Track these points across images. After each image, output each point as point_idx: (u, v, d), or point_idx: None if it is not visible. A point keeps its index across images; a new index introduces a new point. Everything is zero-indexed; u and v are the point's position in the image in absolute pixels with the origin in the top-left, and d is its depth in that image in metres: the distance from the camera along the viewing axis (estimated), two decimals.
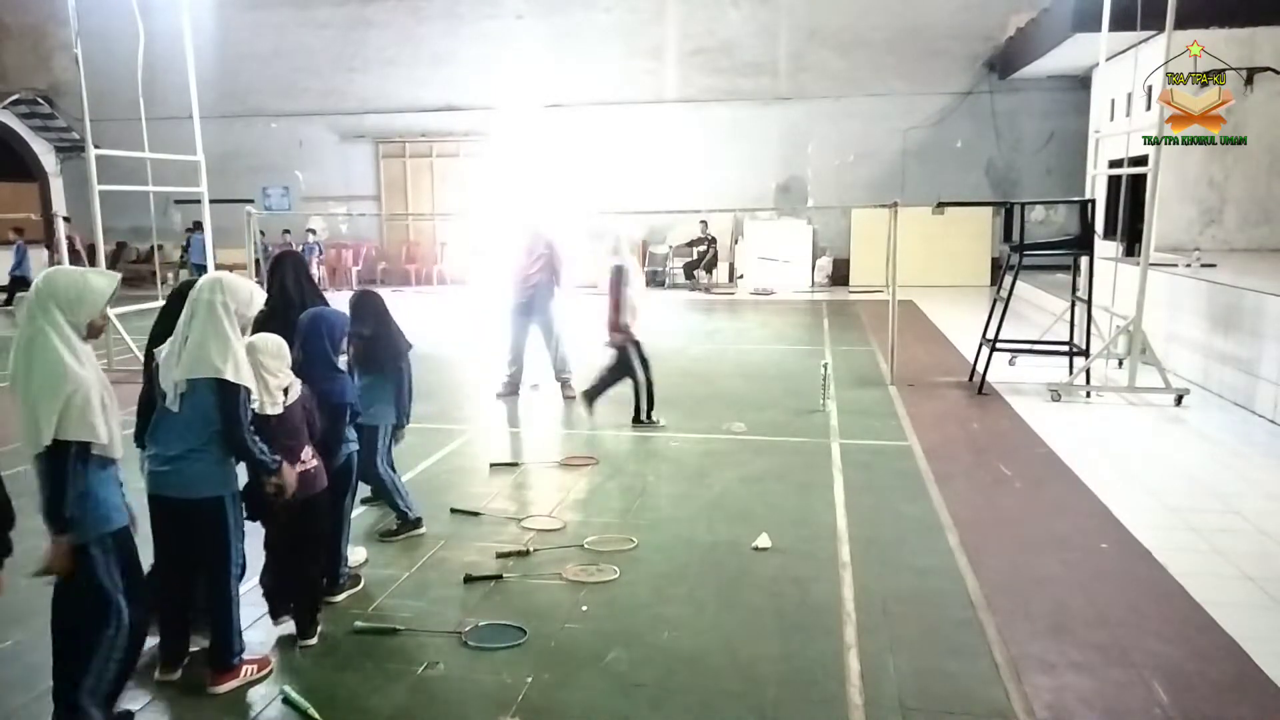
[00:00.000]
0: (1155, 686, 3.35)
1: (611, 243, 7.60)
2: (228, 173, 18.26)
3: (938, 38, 17.72)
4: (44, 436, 2.76)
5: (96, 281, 2.96)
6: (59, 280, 2.90)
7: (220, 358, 3.19)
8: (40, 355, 2.80)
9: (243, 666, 3.45)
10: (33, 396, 2.77)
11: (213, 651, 3.46)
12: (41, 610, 3.06)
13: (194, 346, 3.21)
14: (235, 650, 3.45)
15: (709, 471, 6.15)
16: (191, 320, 3.25)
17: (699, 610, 4.05)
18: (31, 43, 20.82)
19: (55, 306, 2.84)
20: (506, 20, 19.03)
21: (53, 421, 2.76)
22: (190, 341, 3.22)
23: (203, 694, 3.38)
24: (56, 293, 2.86)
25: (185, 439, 3.23)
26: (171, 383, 3.22)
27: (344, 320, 4.27)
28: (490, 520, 5.23)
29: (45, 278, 2.92)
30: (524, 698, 3.33)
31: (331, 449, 4.10)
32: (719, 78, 18.67)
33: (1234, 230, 11.87)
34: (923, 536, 4.86)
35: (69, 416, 2.78)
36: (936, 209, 13.81)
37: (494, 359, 9.00)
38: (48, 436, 2.76)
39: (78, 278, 2.94)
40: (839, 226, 18.42)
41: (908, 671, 3.47)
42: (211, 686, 3.40)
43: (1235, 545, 4.70)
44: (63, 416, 2.77)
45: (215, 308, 3.23)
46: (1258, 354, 7.44)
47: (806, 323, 13.56)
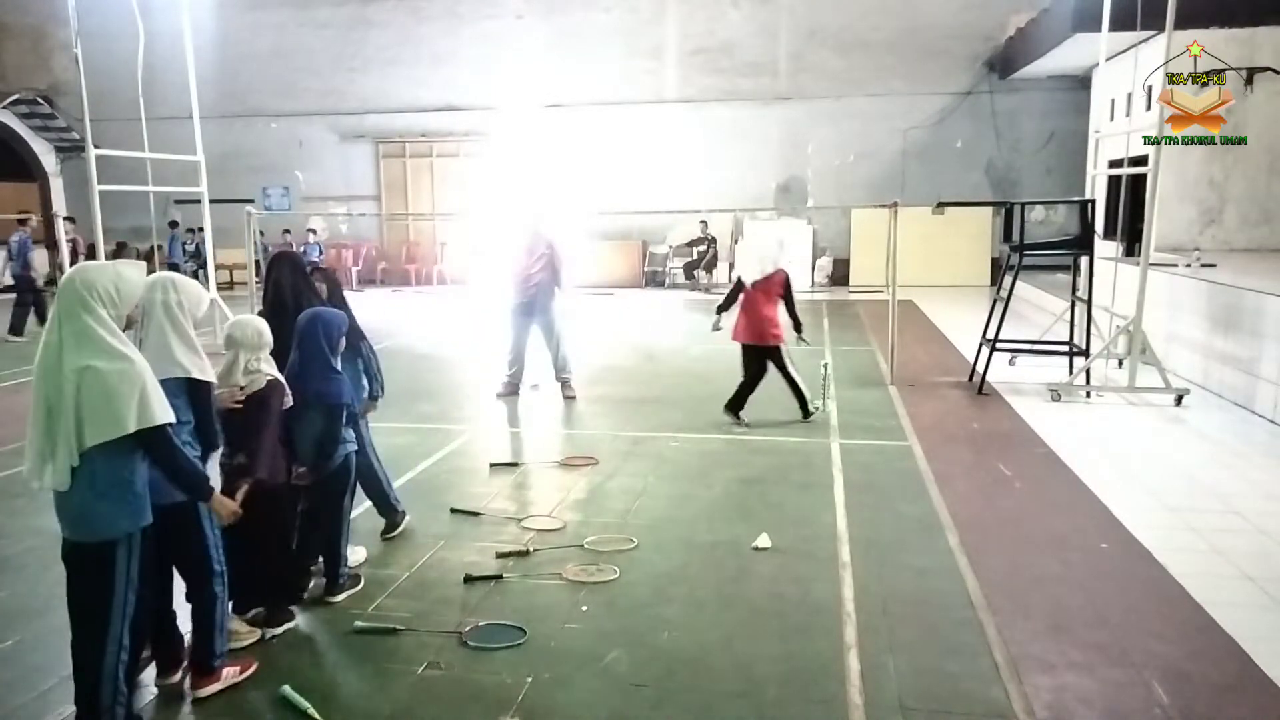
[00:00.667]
0: (1155, 686, 3.35)
1: (775, 250, 7.48)
2: (228, 173, 18.26)
3: (938, 38, 17.72)
4: (128, 423, 2.78)
5: (129, 273, 2.97)
6: (95, 275, 2.88)
7: (185, 356, 3.19)
8: (95, 349, 2.79)
9: (223, 669, 3.40)
10: (106, 390, 2.76)
11: (193, 654, 3.42)
12: (42, 610, 3.06)
13: (156, 348, 3.16)
14: (216, 653, 3.39)
15: (709, 471, 6.15)
16: (147, 323, 3.20)
17: (699, 610, 4.05)
18: (31, 43, 20.82)
19: (97, 301, 2.83)
20: (506, 20, 19.03)
21: (133, 409, 2.78)
22: (150, 344, 3.17)
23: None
24: (95, 287, 2.84)
25: None
26: None
27: (342, 320, 4.27)
28: (490, 520, 5.22)
29: (80, 274, 2.89)
30: (524, 698, 3.33)
31: (328, 449, 4.10)
32: (719, 78, 18.67)
33: (1234, 230, 11.87)
34: (923, 536, 4.86)
35: (149, 402, 2.82)
36: (936, 209, 13.82)
37: (494, 359, 9.00)
38: (133, 422, 2.78)
39: (111, 271, 2.93)
40: (839, 226, 18.42)
41: (908, 671, 3.47)
42: (194, 690, 3.36)
43: (1235, 545, 4.70)
44: (141, 404, 2.80)
45: (172, 308, 3.21)
46: (1258, 354, 7.44)
47: (806, 323, 13.49)
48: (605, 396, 8.55)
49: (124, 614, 2.93)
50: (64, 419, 2.77)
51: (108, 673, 2.90)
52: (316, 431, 4.09)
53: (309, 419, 4.10)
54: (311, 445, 4.09)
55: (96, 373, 2.77)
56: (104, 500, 2.85)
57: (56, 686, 3.36)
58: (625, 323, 14.03)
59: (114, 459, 2.83)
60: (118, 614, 2.91)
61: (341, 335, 4.26)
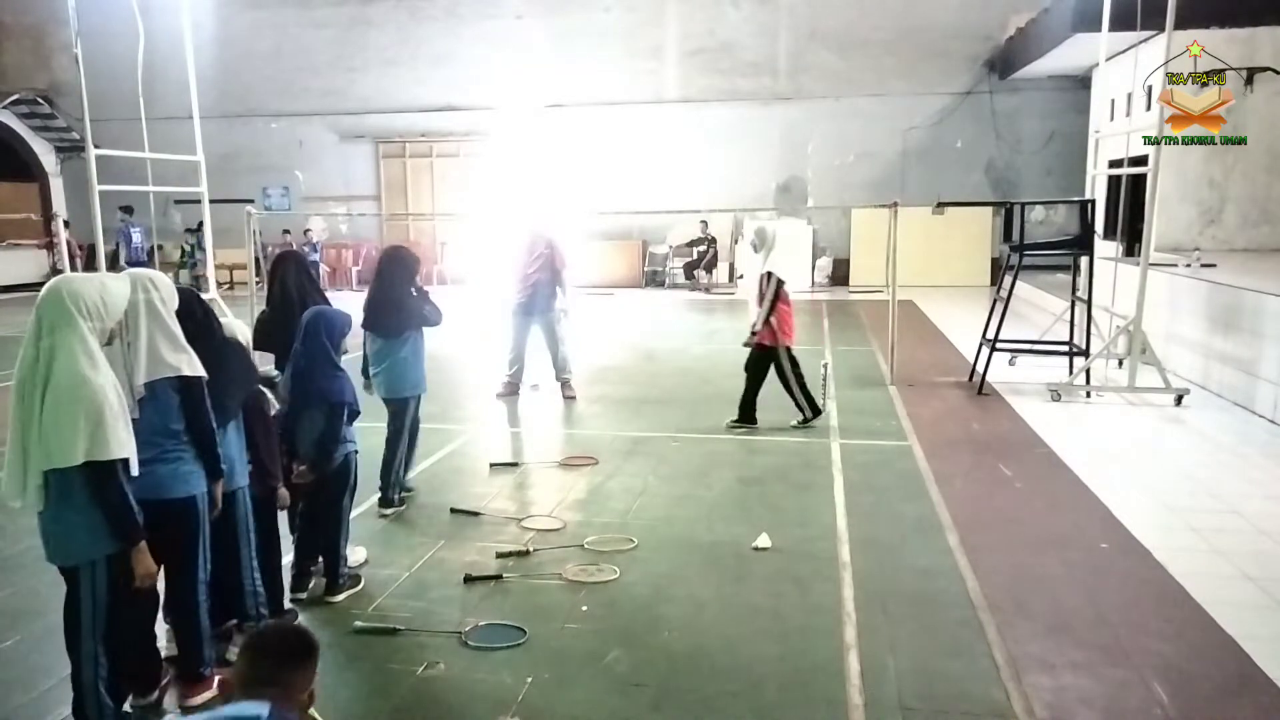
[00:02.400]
0: (1155, 686, 3.35)
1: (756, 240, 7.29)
2: (228, 173, 18.24)
3: (938, 38, 17.72)
4: (76, 453, 2.74)
5: (114, 285, 2.95)
6: (81, 287, 2.85)
7: (173, 355, 3.14)
8: (63, 368, 2.75)
9: (214, 677, 3.33)
10: (58, 412, 2.73)
11: (181, 663, 3.37)
12: (42, 610, 3.06)
13: (148, 349, 3.11)
14: (205, 660, 3.34)
15: (709, 471, 6.15)
16: (134, 326, 3.11)
17: (699, 610, 4.05)
18: (31, 43, 20.81)
19: (83, 315, 2.80)
20: (506, 20, 19.03)
21: (79, 438, 2.73)
22: (140, 347, 3.10)
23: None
24: (82, 299, 2.81)
25: (153, 442, 3.11)
26: (129, 389, 3.07)
27: (345, 319, 4.27)
28: (490, 520, 5.22)
29: (66, 285, 2.85)
30: (524, 698, 3.33)
31: (329, 448, 4.10)
32: (719, 78, 18.67)
33: (1234, 230, 11.86)
34: (923, 536, 4.86)
35: (100, 434, 2.76)
36: (936, 209, 13.80)
37: (494, 359, 8.99)
38: (80, 454, 2.75)
39: (97, 283, 2.90)
40: (839, 226, 18.42)
41: (908, 671, 3.47)
42: (183, 700, 3.31)
43: (1235, 545, 4.70)
44: (94, 435, 2.75)
45: (155, 305, 3.14)
46: (1258, 354, 7.44)
47: (806, 323, 13.53)
48: (605, 396, 8.55)
49: (94, 633, 2.96)
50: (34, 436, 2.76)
51: (88, 686, 2.96)
52: (318, 430, 4.09)
53: (310, 417, 4.10)
54: (312, 444, 4.09)
55: (62, 393, 2.74)
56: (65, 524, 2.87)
57: (56, 687, 3.35)
58: (625, 323, 14.04)
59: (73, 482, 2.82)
60: (88, 632, 2.95)
61: (344, 334, 4.26)
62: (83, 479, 2.81)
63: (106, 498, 2.86)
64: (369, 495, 5.45)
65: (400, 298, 5.33)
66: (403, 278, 5.37)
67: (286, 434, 4.09)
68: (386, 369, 5.33)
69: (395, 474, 5.37)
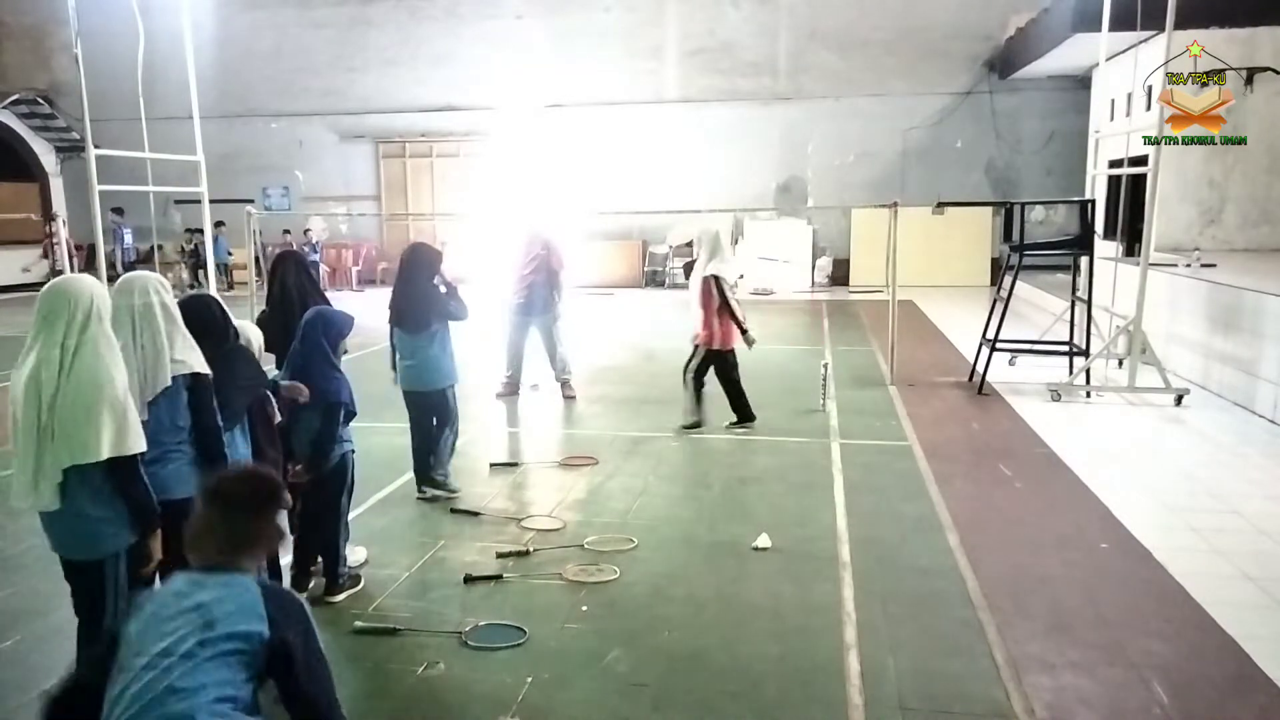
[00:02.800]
0: (1155, 686, 3.35)
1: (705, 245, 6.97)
2: (228, 173, 18.23)
3: (938, 38, 17.71)
4: (101, 449, 2.79)
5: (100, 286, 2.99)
6: (95, 286, 2.93)
7: (184, 354, 3.20)
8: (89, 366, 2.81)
9: None
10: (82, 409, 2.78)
11: None
12: (42, 610, 3.06)
13: (159, 350, 3.15)
14: None
15: (709, 471, 6.15)
16: (140, 327, 3.14)
17: (699, 610, 4.05)
18: (31, 43, 20.81)
19: (99, 315, 2.88)
20: (506, 20, 19.02)
21: (105, 434, 2.78)
22: (152, 347, 3.14)
23: None
24: (99, 298, 2.90)
25: (157, 441, 3.12)
26: (139, 391, 3.09)
27: (345, 319, 4.27)
28: (490, 520, 5.22)
29: (79, 284, 2.91)
30: (524, 698, 3.33)
31: (325, 448, 4.10)
32: (719, 78, 18.67)
33: (1234, 230, 11.87)
34: (923, 536, 4.86)
35: (124, 430, 2.83)
36: (936, 209, 13.82)
37: (494, 359, 8.99)
38: (106, 449, 2.79)
39: (98, 283, 2.98)
40: (839, 226, 18.42)
41: (908, 671, 3.47)
42: None
43: (1235, 545, 4.70)
44: (119, 430, 2.82)
45: (161, 308, 3.20)
46: (1258, 354, 7.44)
47: (806, 323, 13.56)
48: (605, 396, 8.55)
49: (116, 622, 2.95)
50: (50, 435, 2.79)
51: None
52: (314, 430, 4.09)
53: (307, 417, 4.09)
54: (308, 444, 4.09)
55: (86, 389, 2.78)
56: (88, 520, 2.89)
57: None
58: (625, 323, 14.04)
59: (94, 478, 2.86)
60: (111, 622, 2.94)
61: (344, 334, 4.26)
62: (105, 474, 2.87)
63: (131, 491, 2.93)
64: (369, 495, 5.46)
65: (422, 293, 5.44)
66: (424, 273, 5.51)
67: (283, 434, 4.09)
68: (416, 363, 5.45)
69: (439, 456, 5.58)
